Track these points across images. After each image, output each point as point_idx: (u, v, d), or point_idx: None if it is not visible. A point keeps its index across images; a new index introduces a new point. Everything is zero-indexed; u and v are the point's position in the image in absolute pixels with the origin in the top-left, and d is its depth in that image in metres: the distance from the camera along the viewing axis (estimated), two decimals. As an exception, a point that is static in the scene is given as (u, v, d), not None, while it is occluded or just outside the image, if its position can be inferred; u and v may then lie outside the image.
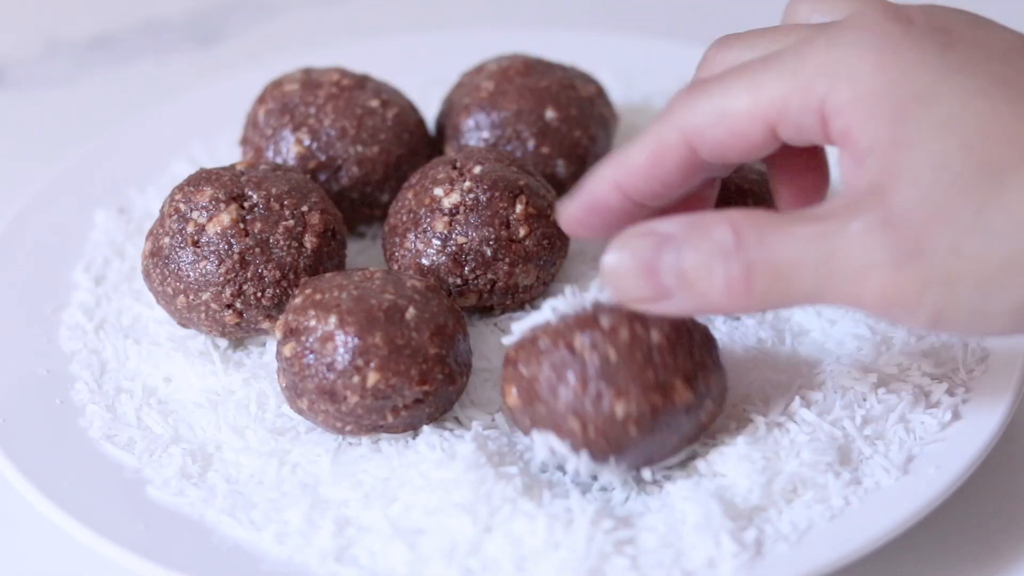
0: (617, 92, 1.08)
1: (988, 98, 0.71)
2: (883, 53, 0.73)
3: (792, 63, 0.74)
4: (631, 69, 1.11)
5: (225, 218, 0.88)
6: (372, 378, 0.81)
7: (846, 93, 0.73)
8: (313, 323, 0.82)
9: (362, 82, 0.97)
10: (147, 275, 0.90)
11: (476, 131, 0.97)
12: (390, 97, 0.97)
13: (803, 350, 0.88)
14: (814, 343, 0.88)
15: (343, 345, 0.81)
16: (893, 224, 0.70)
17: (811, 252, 0.71)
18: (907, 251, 0.70)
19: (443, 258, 0.88)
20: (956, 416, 0.83)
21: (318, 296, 0.83)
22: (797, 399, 0.84)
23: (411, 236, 0.89)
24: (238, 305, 0.88)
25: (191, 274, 0.87)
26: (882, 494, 0.80)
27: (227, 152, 1.05)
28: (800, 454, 0.81)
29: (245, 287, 0.87)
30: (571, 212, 0.80)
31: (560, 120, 0.96)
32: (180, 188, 0.89)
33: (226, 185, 0.89)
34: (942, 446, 0.82)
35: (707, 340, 0.81)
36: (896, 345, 0.87)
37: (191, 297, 0.88)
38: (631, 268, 0.75)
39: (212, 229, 0.87)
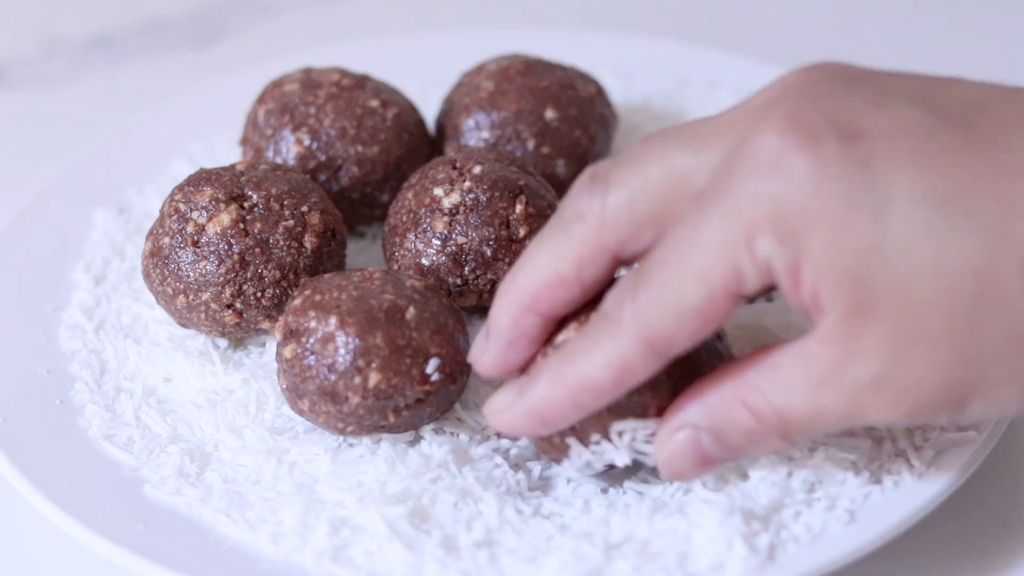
0: (617, 92, 1.08)
1: (932, 235, 0.68)
2: (812, 202, 0.69)
3: (727, 225, 0.70)
4: (631, 69, 1.11)
5: (225, 218, 0.88)
6: (373, 378, 0.81)
7: (789, 255, 0.70)
8: (313, 324, 0.82)
9: (362, 82, 0.97)
10: (147, 275, 0.90)
11: (476, 131, 0.97)
12: (390, 97, 0.97)
13: None
14: None
15: (344, 346, 0.81)
16: (883, 385, 0.70)
17: (830, 400, 0.71)
18: (910, 408, 0.70)
19: (443, 258, 0.88)
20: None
21: (317, 297, 0.83)
22: None
23: (411, 236, 0.89)
24: (238, 305, 0.88)
25: (191, 274, 0.87)
26: (894, 493, 0.80)
27: (227, 152, 1.05)
28: (827, 447, 0.81)
29: (245, 287, 0.87)
30: (517, 421, 0.77)
31: (560, 120, 0.96)
32: (180, 188, 0.89)
33: (226, 185, 0.89)
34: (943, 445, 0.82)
35: None
36: None
37: (191, 297, 0.88)
38: (689, 467, 0.75)
39: (212, 229, 0.87)
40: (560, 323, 0.78)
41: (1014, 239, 0.68)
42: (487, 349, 0.78)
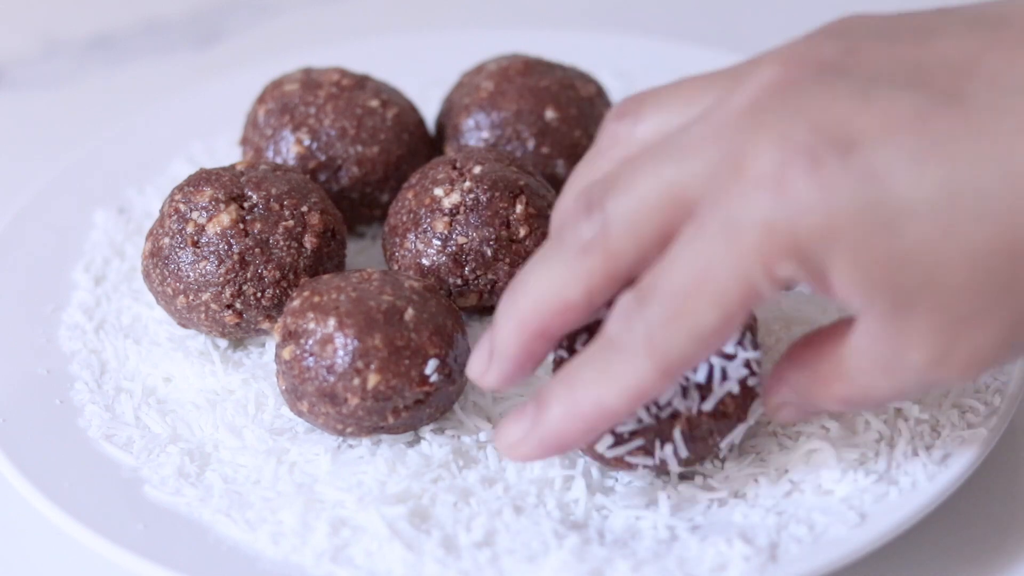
0: (617, 92, 1.07)
1: (951, 229, 0.68)
2: (827, 225, 0.68)
3: (739, 253, 0.69)
4: (631, 69, 1.11)
5: (225, 218, 0.88)
6: (372, 380, 0.81)
7: (815, 272, 0.69)
8: (312, 326, 0.82)
9: (362, 82, 0.97)
10: (147, 275, 0.90)
11: (476, 131, 0.97)
12: (390, 97, 0.97)
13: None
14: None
15: (343, 347, 0.81)
16: (944, 362, 0.71)
17: (901, 379, 0.72)
18: (980, 369, 0.71)
19: (443, 258, 0.88)
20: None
21: (316, 298, 0.83)
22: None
23: (411, 236, 0.89)
24: (238, 305, 0.88)
25: (191, 274, 0.87)
26: (896, 493, 0.80)
27: (227, 152, 1.05)
28: (826, 448, 0.81)
29: (245, 287, 0.87)
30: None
31: (560, 120, 0.96)
32: (180, 188, 0.90)
33: (226, 185, 0.89)
34: (944, 444, 0.82)
35: None
36: None
37: (191, 297, 0.88)
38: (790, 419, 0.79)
39: (212, 229, 0.87)
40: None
41: None
42: (493, 370, 0.77)
